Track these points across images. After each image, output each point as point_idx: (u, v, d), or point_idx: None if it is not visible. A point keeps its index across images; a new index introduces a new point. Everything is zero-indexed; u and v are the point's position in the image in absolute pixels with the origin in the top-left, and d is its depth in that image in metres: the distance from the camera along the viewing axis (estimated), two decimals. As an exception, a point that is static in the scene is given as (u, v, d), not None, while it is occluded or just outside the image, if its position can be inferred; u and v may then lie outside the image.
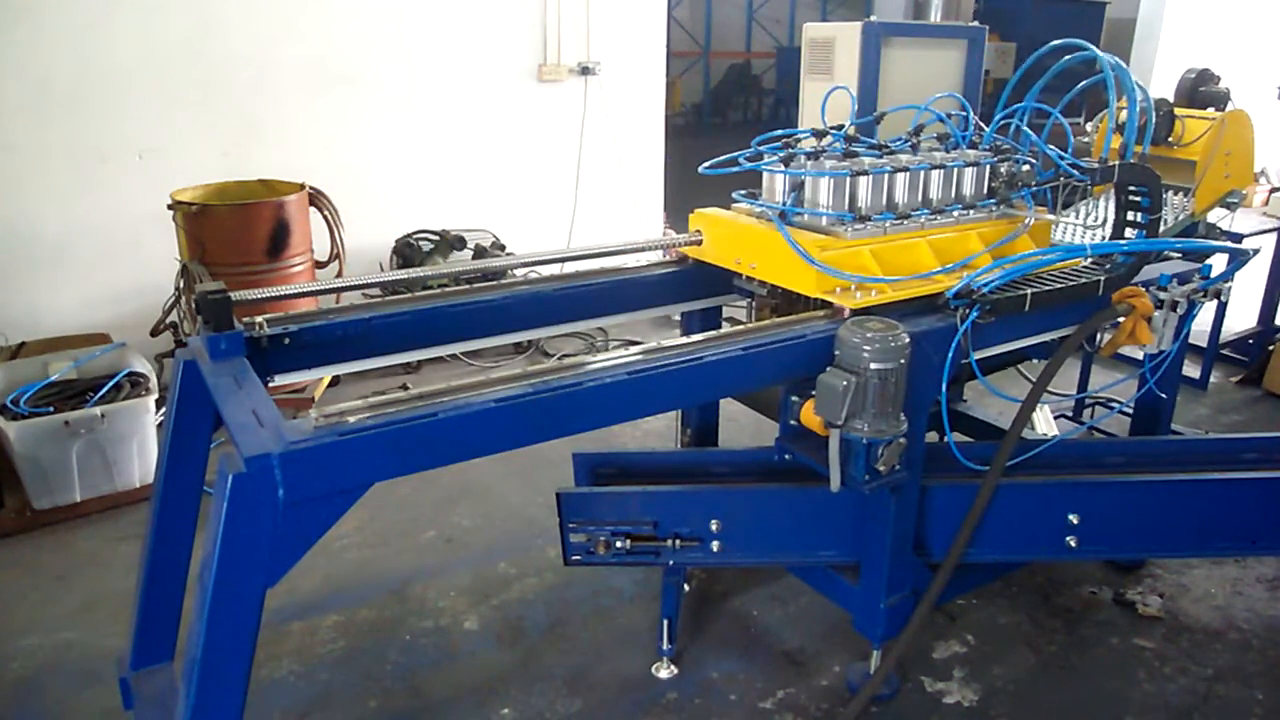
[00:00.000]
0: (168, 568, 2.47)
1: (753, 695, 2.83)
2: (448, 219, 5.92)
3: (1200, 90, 4.90)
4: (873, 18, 5.46)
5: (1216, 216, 4.63)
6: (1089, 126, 4.94)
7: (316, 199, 4.92)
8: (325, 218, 4.94)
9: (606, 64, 6.41)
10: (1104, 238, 3.19)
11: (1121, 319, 2.79)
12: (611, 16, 6.38)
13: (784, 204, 2.68)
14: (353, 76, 5.49)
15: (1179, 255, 3.35)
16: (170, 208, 4.45)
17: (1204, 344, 4.99)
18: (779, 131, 2.87)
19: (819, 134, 2.83)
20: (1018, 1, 13.48)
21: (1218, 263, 3.16)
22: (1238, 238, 4.66)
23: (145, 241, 4.84)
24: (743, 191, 2.89)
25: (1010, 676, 2.93)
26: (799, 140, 2.80)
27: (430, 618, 3.19)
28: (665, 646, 2.93)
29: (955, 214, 2.81)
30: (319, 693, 2.84)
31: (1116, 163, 2.79)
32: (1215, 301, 3.05)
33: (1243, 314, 5.56)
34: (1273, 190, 8.03)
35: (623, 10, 6.45)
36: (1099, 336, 2.92)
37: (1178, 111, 4.49)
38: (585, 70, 6.33)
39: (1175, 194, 4.61)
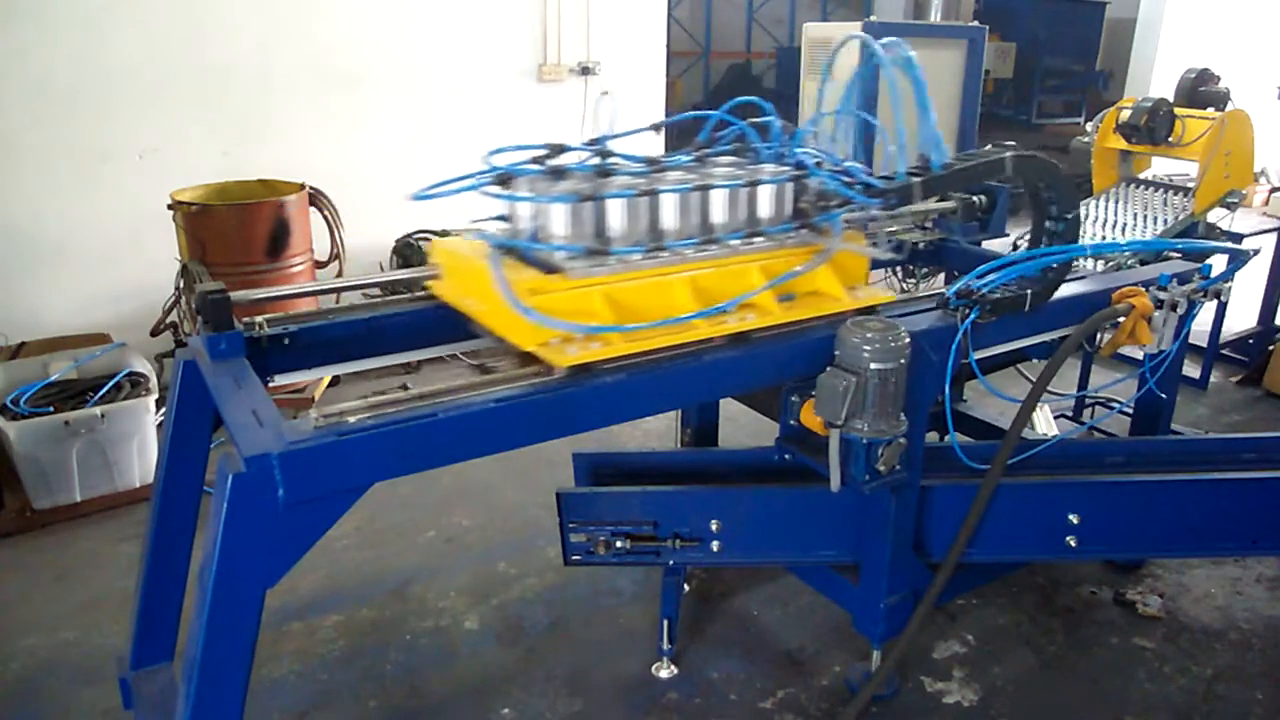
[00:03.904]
0: (168, 568, 2.47)
1: (753, 695, 2.83)
2: (448, 219, 5.91)
3: (1200, 90, 4.92)
4: (873, 18, 5.45)
5: (1216, 216, 4.64)
6: (1089, 126, 4.95)
7: (316, 199, 4.92)
8: (325, 218, 4.94)
9: (606, 64, 6.41)
10: (1104, 237, 3.19)
11: (1121, 319, 2.79)
12: (611, 16, 6.38)
13: (503, 235, 2.25)
14: (353, 76, 5.49)
15: (1179, 255, 3.35)
16: (170, 207, 4.45)
17: (1204, 344, 4.99)
18: (525, 145, 2.29)
19: (555, 149, 2.28)
20: (1018, 1, 13.50)
21: (1218, 263, 3.16)
22: (1238, 238, 4.66)
23: (145, 241, 4.84)
24: (496, 215, 2.39)
25: (1010, 676, 2.92)
26: (550, 155, 2.26)
27: (430, 618, 3.19)
28: (665, 646, 2.93)
29: (734, 243, 2.30)
30: (319, 693, 2.84)
31: (918, 179, 2.44)
32: (1215, 301, 3.05)
33: (1243, 314, 5.55)
34: (1273, 190, 8.05)
35: (623, 10, 6.45)
36: (1099, 336, 2.92)
37: (1178, 111, 4.49)
38: (585, 70, 6.33)
39: (1175, 194, 4.62)
